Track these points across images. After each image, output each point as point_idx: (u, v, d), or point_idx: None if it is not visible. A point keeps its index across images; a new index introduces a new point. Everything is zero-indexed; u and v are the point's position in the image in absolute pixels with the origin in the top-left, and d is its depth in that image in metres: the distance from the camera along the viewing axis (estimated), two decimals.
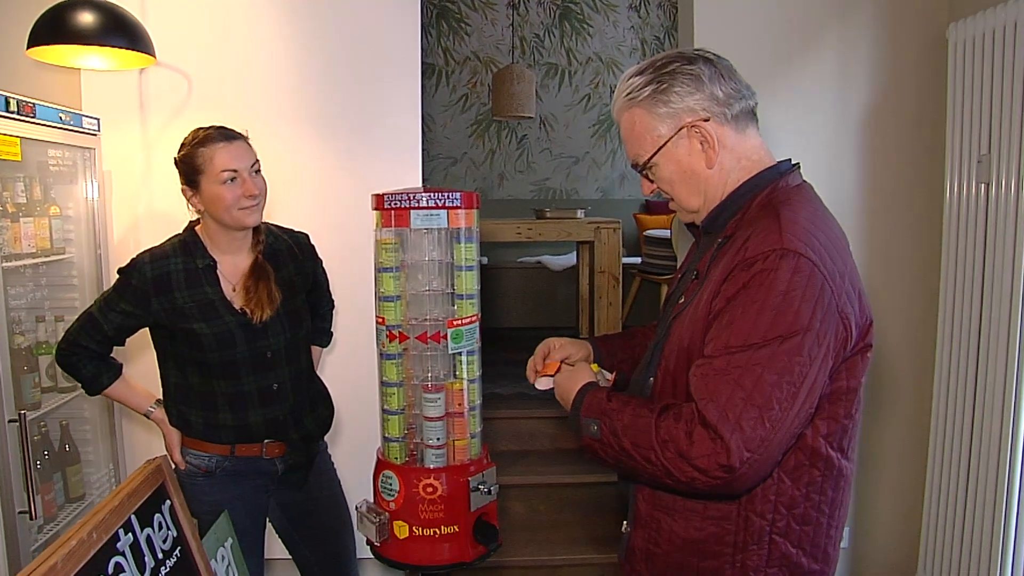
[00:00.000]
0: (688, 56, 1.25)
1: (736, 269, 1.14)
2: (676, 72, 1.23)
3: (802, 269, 1.09)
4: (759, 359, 1.07)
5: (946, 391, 2.47)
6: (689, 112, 1.23)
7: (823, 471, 1.19)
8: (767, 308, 1.09)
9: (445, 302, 1.66)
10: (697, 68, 1.23)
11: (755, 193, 1.24)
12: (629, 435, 1.15)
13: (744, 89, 1.26)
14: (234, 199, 1.77)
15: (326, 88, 2.70)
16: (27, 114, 2.00)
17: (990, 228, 2.28)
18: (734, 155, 1.26)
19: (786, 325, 1.08)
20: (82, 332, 1.80)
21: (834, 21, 2.70)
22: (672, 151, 1.26)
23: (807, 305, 1.08)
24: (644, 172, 1.31)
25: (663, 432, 1.11)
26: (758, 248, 1.12)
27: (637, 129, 1.28)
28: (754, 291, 1.10)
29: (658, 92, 1.24)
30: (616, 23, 6.37)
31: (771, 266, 1.10)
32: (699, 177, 1.26)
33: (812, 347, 1.09)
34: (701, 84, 1.23)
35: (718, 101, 1.23)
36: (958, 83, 2.42)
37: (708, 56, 1.25)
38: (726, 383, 1.08)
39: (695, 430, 1.08)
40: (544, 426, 3.54)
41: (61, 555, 1.04)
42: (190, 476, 1.86)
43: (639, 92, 1.25)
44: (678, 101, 1.23)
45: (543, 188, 6.55)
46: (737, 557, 1.20)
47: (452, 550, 1.64)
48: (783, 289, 1.09)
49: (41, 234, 2.22)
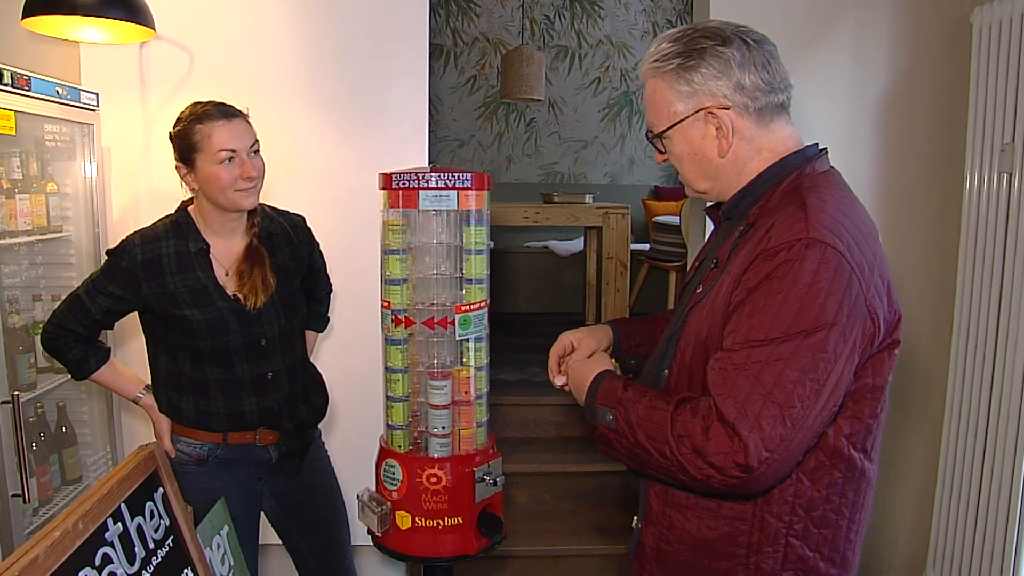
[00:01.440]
0: (725, 36, 1.18)
1: (758, 258, 1.08)
2: (707, 51, 1.17)
3: (829, 260, 1.04)
4: (781, 354, 1.02)
5: (961, 386, 2.43)
6: (710, 96, 1.18)
7: (844, 472, 1.14)
8: (791, 300, 1.03)
9: (453, 286, 1.62)
10: (729, 52, 1.16)
11: (780, 179, 1.19)
12: (644, 427, 1.11)
13: (777, 82, 1.20)
14: (231, 180, 1.72)
15: (331, 65, 2.63)
16: (22, 87, 1.95)
17: (1011, 220, 2.21)
18: (752, 146, 1.20)
19: (810, 319, 1.02)
20: (68, 315, 1.76)
21: (852, 4, 2.63)
22: (686, 131, 1.21)
23: (833, 298, 1.03)
24: (656, 142, 1.27)
25: (679, 426, 1.07)
26: (782, 237, 1.07)
27: (656, 99, 1.23)
28: (777, 282, 1.05)
29: (683, 68, 1.18)
30: (628, 5, 6.26)
31: (796, 256, 1.04)
32: (709, 162, 1.22)
33: (837, 343, 1.04)
34: (729, 70, 1.16)
35: (743, 91, 1.17)
36: (982, 69, 2.35)
37: (748, 40, 1.18)
38: (745, 378, 1.03)
39: (712, 426, 1.03)
40: (549, 413, 3.50)
41: (44, 547, 0.99)
42: (181, 464, 1.82)
43: (666, 63, 1.20)
44: (701, 82, 1.18)
45: (551, 172, 6.48)
46: (751, 559, 1.16)
47: (455, 542, 1.60)
48: (808, 281, 1.03)
49: (38, 211, 2.18)
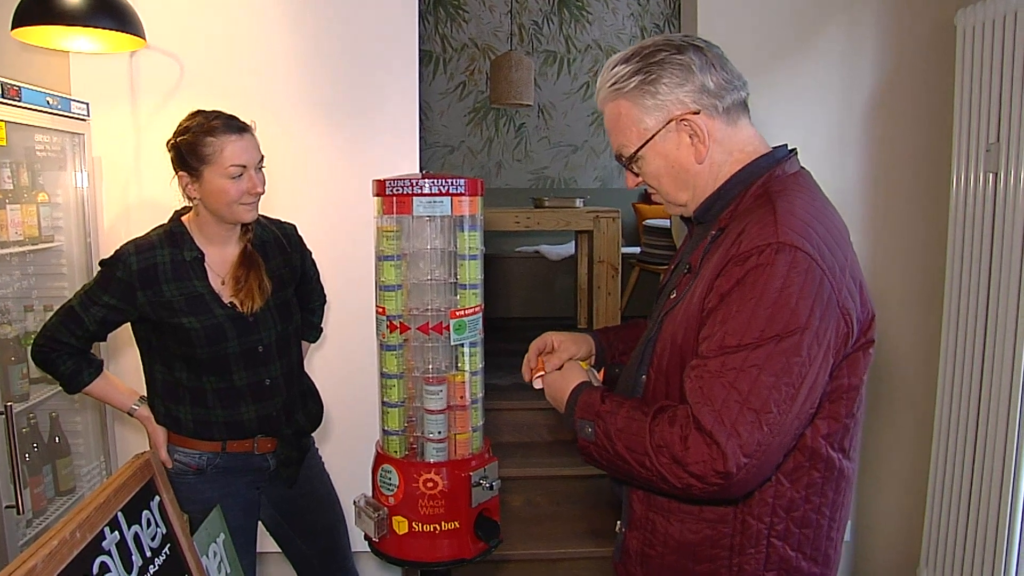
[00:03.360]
0: (676, 44, 1.18)
1: (730, 264, 1.09)
2: (664, 62, 1.16)
3: (799, 263, 1.04)
4: (755, 360, 1.03)
5: (950, 386, 2.44)
6: (678, 104, 1.17)
7: (823, 472, 1.15)
8: (763, 305, 1.04)
9: (447, 292, 1.62)
10: (687, 57, 1.16)
11: (750, 182, 1.19)
12: (623, 439, 1.11)
13: (736, 79, 1.20)
14: (238, 195, 1.73)
15: (321, 73, 2.64)
16: (12, 97, 1.95)
17: (998, 219, 2.23)
18: (725, 148, 1.20)
19: (783, 323, 1.03)
20: (61, 327, 1.74)
21: (838, 7, 2.66)
22: (660, 145, 1.20)
23: (805, 301, 1.03)
24: (629, 165, 1.25)
25: (657, 437, 1.07)
26: (753, 242, 1.07)
27: (623, 121, 1.21)
28: (749, 287, 1.05)
29: (645, 83, 1.17)
30: (615, 10, 6.29)
31: (766, 261, 1.05)
32: (688, 172, 1.21)
33: (811, 346, 1.04)
34: (691, 75, 1.16)
35: (709, 92, 1.17)
36: (966, 70, 2.37)
37: (698, 44, 1.19)
38: (721, 386, 1.03)
39: (690, 435, 1.03)
40: (542, 417, 3.50)
41: (41, 556, 0.99)
42: (180, 474, 1.81)
43: (625, 83, 1.18)
44: (667, 93, 1.17)
45: (541, 177, 6.50)
46: (734, 560, 1.17)
47: (452, 546, 1.61)
48: (779, 285, 1.04)
49: (29, 221, 2.17)
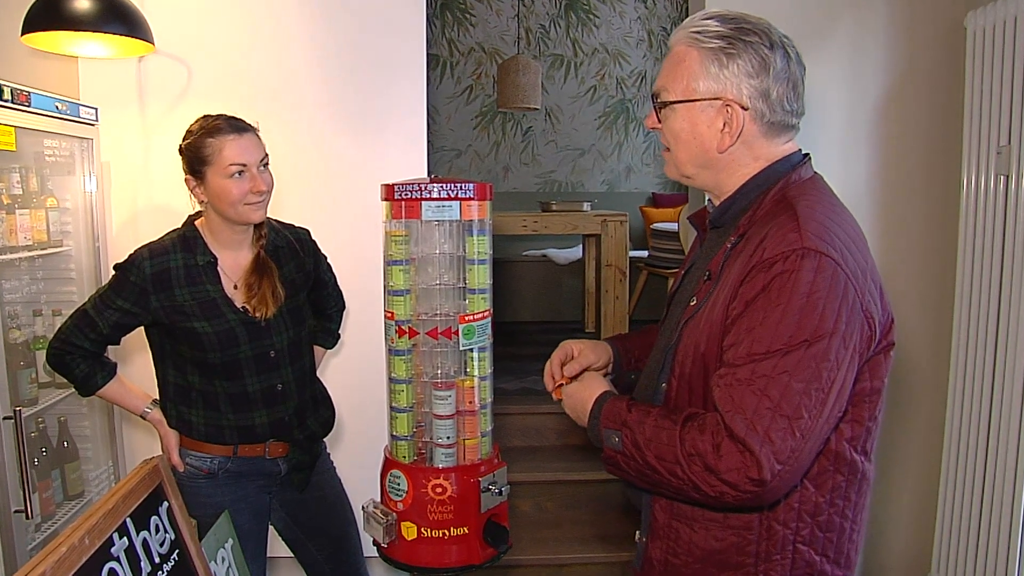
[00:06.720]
0: (772, 39, 1.16)
1: (754, 270, 1.08)
2: (752, 46, 1.15)
3: (824, 269, 1.04)
4: (785, 366, 1.03)
5: (962, 388, 2.43)
6: (735, 90, 1.16)
7: (847, 476, 1.15)
8: (790, 312, 1.04)
9: (456, 296, 1.61)
10: (773, 56, 1.15)
11: (767, 187, 1.19)
12: (652, 448, 1.11)
13: (797, 107, 1.19)
14: (241, 194, 1.73)
15: (329, 77, 2.64)
16: (22, 103, 1.95)
17: (1009, 222, 2.22)
18: (751, 153, 1.20)
19: (811, 329, 1.03)
20: (75, 330, 1.74)
21: (847, 7, 2.64)
22: (695, 112, 1.18)
23: (831, 307, 1.04)
24: (659, 108, 1.23)
25: (688, 445, 1.06)
26: (777, 248, 1.07)
27: (680, 68, 1.19)
28: (775, 294, 1.05)
29: (723, 52, 1.15)
30: (623, 14, 6.28)
31: (792, 267, 1.05)
32: (705, 153, 1.20)
33: (839, 350, 1.04)
34: (764, 73, 1.15)
35: (766, 98, 1.16)
36: (976, 72, 2.36)
37: (791, 53, 1.17)
38: (752, 393, 1.03)
39: (723, 443, 1.03)
40: (550, 422, 3.49)
41: (50, 562, 0.99)
42: (191, 478, 1.81)
43: (707, 40, 1.16)
44: (733, 73, 1.15)
45: (548, 181, 6.49)
46: (760, 567, 1.16)
47: (461, 552, 1.59)
48: (806, 291, 1.04)
49: (38, 226, 2.18)
